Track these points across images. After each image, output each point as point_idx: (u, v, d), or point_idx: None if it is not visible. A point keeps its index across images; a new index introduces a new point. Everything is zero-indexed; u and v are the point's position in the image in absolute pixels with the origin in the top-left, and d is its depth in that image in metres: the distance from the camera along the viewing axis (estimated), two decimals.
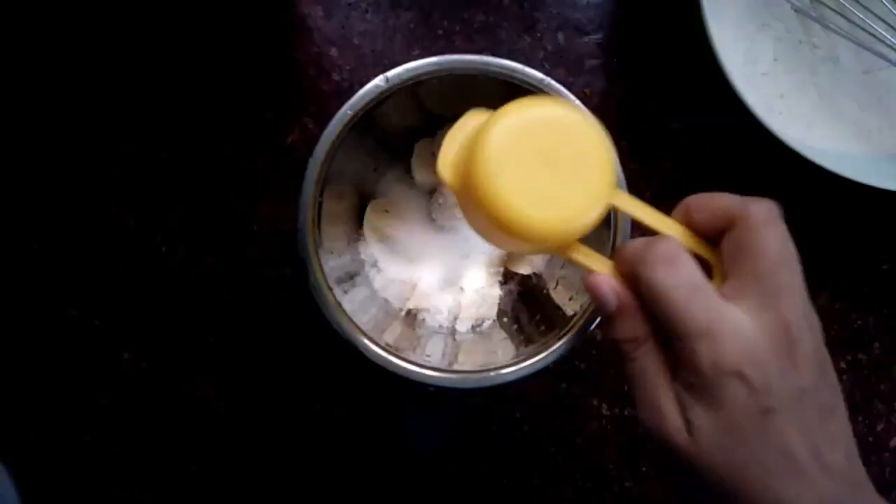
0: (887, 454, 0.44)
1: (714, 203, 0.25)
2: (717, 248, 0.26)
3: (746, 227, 0.24)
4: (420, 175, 0.42)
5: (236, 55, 0.43)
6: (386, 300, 0.42)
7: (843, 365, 0.44)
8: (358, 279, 0.40)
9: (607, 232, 0.35)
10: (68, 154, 0.43)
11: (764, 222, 0.24)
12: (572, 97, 0.34)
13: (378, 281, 0.42)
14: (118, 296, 0.43)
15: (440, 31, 0.44)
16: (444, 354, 0.38)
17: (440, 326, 0.42)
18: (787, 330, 0.22)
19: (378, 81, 0.34)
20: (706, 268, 0.26)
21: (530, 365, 0.34)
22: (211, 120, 0.43)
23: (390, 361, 0.34)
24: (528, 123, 0.25)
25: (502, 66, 0.34)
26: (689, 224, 0.26)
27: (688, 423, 0.23)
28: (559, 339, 0.34)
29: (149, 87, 0.43)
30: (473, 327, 0.42)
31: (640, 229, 0.39)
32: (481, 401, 0.44)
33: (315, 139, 0.34)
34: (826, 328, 0.44)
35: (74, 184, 0.43)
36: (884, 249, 0.44)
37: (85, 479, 0.43)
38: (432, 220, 0.42)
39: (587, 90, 0.44)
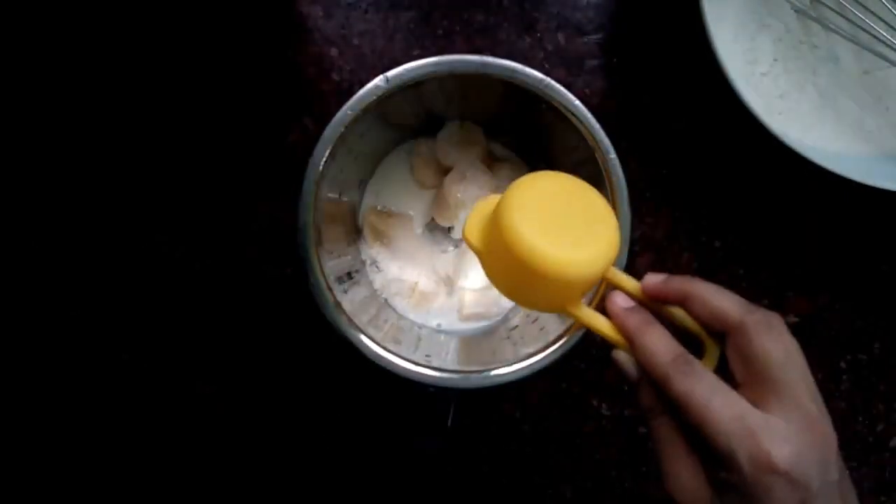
0: (887, 454, 0.44)
1: (713, 304, 0.26)
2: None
3: (747, 338, 0.25)
4: (420, 175, 0.42)
5: (237, 55, 0.43)
6: (386, 300, 0.42)
7: (843, 365, 0.44)
8: (358, 279, 0.40)
9: None
10: (68, 155, 0.43)
11: (759, 331, 0.25)
12: (572, 97, 0.34)
13: (378, 281, 0.42)
14: (118, 296, 0.43)
15: (440, 31, 0.44)
16: (444, 354, 0.38)
17: (440, 326, 0.42)
18: (815, 427, 0.24)
19: (378, 81, 0.34)
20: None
21: (530, 365, 0.34)
22: (211, 120, 0.43)
23: (390, 361, 0.34)
24: (544, 186, 0.28)
25: (502, 67, 0.34)
26: (686, 310, 0.27)
27: None
28: (559, 339, 0.34)
29: (149, 88, 0.43)
30: (473, 327, 0.42)
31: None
32: (481, 401, 0.44)
33: (315, 139, 0.34)
34: (826, 328, 0.44)
35: (74, 184, 0.43)
36: (884, 250, 0.44)
37: (85, 479, 0.43)
38: (432, 220, 0.42)
39: (587, 90, 0.44)
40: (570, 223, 0.28)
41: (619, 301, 0.28)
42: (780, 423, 0.23)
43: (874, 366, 0.44)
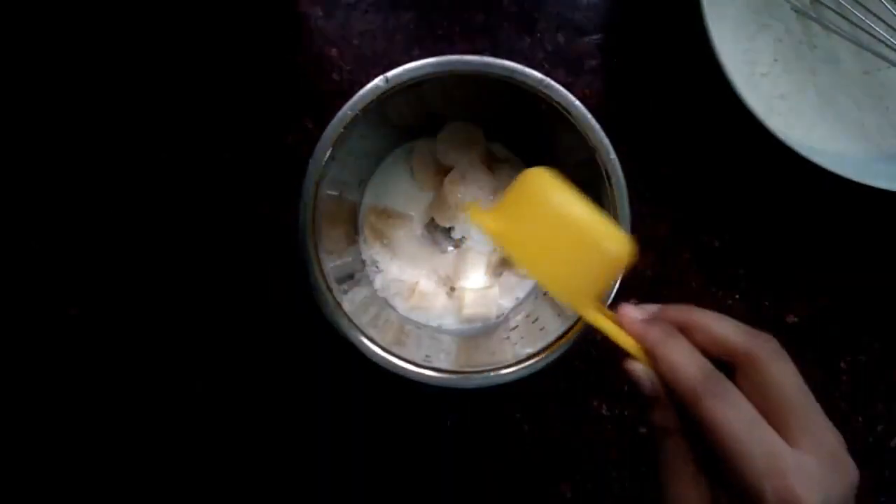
0: (887, 454, 0.44)
1: (716, 333, 0.25)
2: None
3: (760, 369, 0.24)
4: (420, 175, 0.42)
5: (236, 55, 0.43)
6: (386, 300, 0.42)
7: (843, 365, 0.44)
8: (358, 279, 0.40)
9: None
10: (68, 154, 0.43)
11: (773, 360, 0.24)
12: (572, 97, 0.34)
13: (378, 281, 0.42)
14: (118, 296, 0.43)
15: (440, 31, 0.44)
16: (444, 354, 0.38)
17: (440, 326, 0.42)
18: (837, 459, 0.23)
19: (378, 82, 0.34)
20: None
21: (530, 365, 0.34)
22: (211, 120, 0.43)
23: (390, 361, 0.34)
24: (555, 178, 0.29)
25: (502, 67, 0.34)
26: (687, 337, 0.26)
27: None
28: (559, 339, 0.34)
29: (149, 88, 0.43)
30: (473, 328, 0.42)
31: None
32: (481, 401, 0.44)
33: (315, 139, 0.34)
34: (826, 328, 0.44)
35: (74, 184, 0.43)
36: (884, 250, 0.44)
37: (84, 479, 0.43)
38: (432, 221, 0.42)
39: (587, 90, 0.44)
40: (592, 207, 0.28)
41: (633, 312, 0.27)
42: (812, 463, 0.22)
43: (874, 366, 0.44)
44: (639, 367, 0.26)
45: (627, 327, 0.27)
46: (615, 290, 0.34)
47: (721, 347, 0.25)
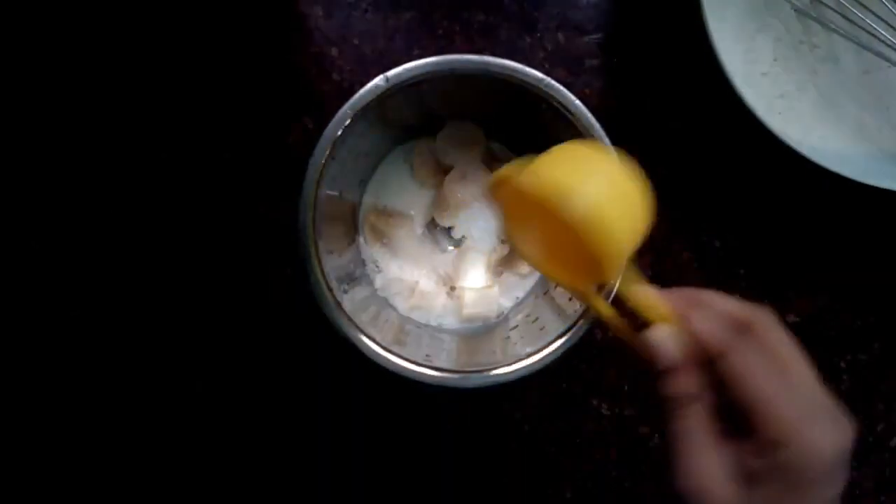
0: (887, 454, 0.44)
1: (720, 306, 0.26)
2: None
3: (765, 332, 0.25)
4: (420, 175, 0.42)
5: (236, 55, 0.43)
6: (386, 300, 0.42)
7: (842, 365, 0.44)
8: (358, 278, 0.40)
9: None
10: (68, 154, 0.43)
11: (775, 326, 0.25)
12: (572, 97, 0.34)
13: (378, 280, 0.42)
14: (119, 296, 0.43)
15: (440, 31, 0.44)
16: (444, 354, 0.38)
17: (440, 326, 0.42)
18: (837, 417, 0.24)
19: (378, 81, 0.34)
20: None
21: (530, 365, 0.34)
22: (211, 120, 0.43)
23: (390, 361, 0.34)
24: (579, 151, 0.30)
25: (502, 66, 0.34)
26: (688, 325, 0.26)
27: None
28: (559, 339, 0.34)
29: (149, 88, 0.43)
30: (473, 327, 0.42)
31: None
32: (481, 401, 0.44)
33: (315, 139, 0.34)
34: (826, 328, 0.44)
35: (74, 184, 0.43)
36: (884, 250, 0.44)
37: (84, 480, 0.43)
38: (432, 220, 0.42)
39: (587, 90, 0.44)
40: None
41: (652, 290, 0.27)
42: (826, 417, 0.23)
43: (874, 366, 0.44)
44: (662, 334, 0.26)
45: (656, 298, 0.27)
46: (615, 289, 0.34)
47: (728, 319, 0.25)
